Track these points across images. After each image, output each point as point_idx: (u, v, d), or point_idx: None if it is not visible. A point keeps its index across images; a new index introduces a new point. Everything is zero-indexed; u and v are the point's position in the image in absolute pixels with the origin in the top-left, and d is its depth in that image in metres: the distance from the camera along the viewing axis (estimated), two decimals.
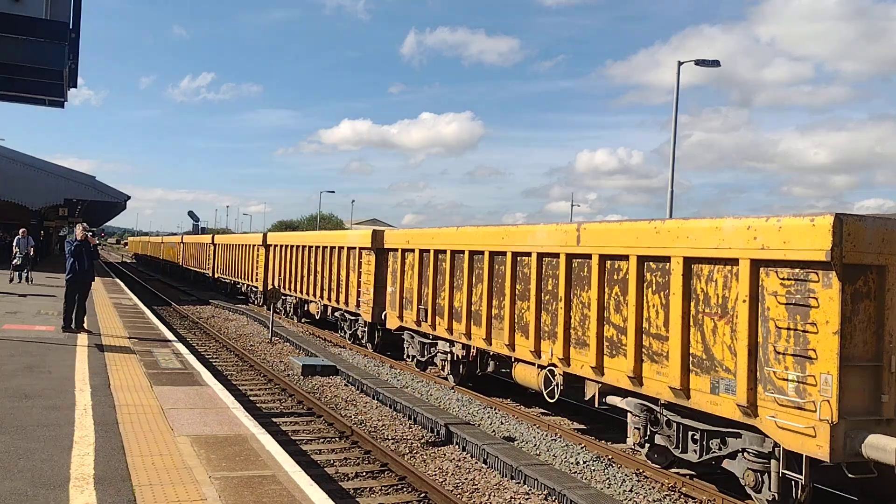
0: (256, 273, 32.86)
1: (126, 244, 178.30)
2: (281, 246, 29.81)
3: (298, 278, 27.08)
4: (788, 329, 8.01)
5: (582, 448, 10.99)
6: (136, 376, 11.00)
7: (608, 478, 9.70)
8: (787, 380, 8.00)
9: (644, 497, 9.04)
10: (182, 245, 56.12)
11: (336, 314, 23.46)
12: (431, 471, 9.79)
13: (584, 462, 10.27)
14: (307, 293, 25.93)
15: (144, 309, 22.61)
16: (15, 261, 27.74)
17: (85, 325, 15.46)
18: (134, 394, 9.72)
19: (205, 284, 44.72)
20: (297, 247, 27.52)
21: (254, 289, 33.66)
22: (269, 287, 28.61)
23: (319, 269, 24.66)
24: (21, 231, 28.38)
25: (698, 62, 25.70)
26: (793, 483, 8.09)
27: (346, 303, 22.21)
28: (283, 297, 28.33)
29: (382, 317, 19.00)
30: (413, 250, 17.05)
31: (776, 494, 8.22)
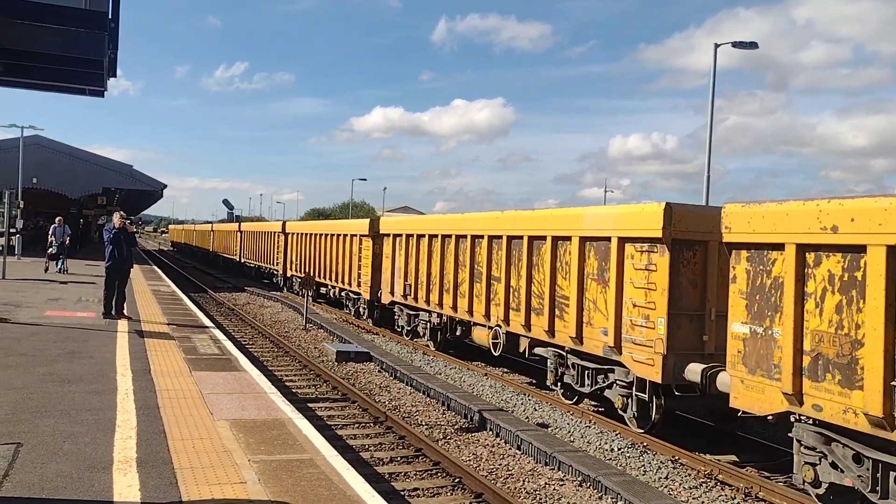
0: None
1: (163, 232, 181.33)
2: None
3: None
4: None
5: (617, 435, 10.95)
6: (175, 362, 11.18)
7: (643, 465, 9.65)
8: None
9: (680, 484, 8.98)
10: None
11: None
12: (466, 456, 9.83)
13: (619, 449, 10.24)
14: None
15: (182, 296, 22.96)
16: (50, 250, 27.28)
17: (125, 312, 15.75)
18: (174, 379, 9.89)
19: (237, 271, 46.14)
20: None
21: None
22: (299, 273, 29.36)
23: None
24: (57, 219, 27.86)
25: (735, 44, 25.23)
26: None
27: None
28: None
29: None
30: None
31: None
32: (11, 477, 5.77)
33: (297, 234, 32.57)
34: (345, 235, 25.53)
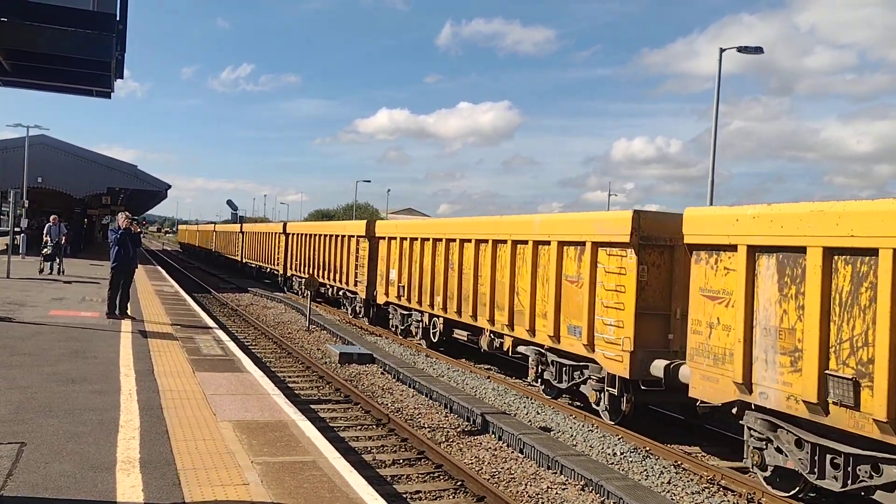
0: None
1: (167, 232, 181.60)
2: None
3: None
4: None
5: (619, 439, 10.95)
6: (178, 362, 11.21)
7: (646, 469, 9.65)
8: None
9: (682, 489, 8.97)
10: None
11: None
12: (468, 459, 9.83)
13: (622, 453, 10.23)
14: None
15: (186, 296, 23.00)
16: (45, 250, 25.69)
17: (128, 312, 15.78)
18: (177, 379, 9.91)
19: (239, 272, 46.47)
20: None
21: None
22: (308, 275, 29.57)
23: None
24: (52, 218, 26.47)
25: (741, 49, 25.21)
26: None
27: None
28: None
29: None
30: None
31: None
32: (15, 476, 5.79)
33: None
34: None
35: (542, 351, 13.46)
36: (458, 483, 8.76)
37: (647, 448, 10.59)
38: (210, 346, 13.06)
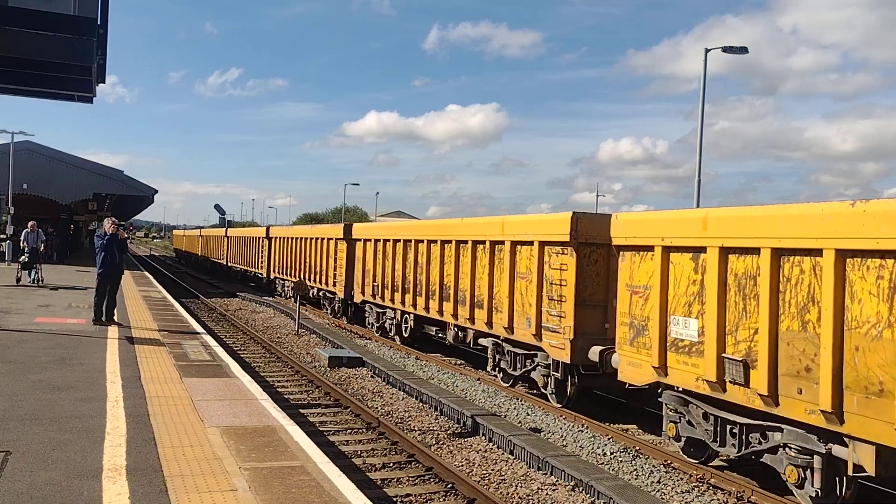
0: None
1: (154, 237, 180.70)
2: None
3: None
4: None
5: (609, 439, 10.95)
6: (166, 368, 11.13)
7: (635, 469, 9.65)
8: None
9: (672, 488, 8.98)
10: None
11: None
12: (458, 461, 9.81)
13: (612, 453, 10.24)
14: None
15: (173, 301, 22.88)
16: (22, 258, 24.39)
17: (115, 318, 15.68)
18: (164, 385, 9.84)
19: (224, 275, 47.04)
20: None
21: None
22: (297, 279, 29.35)
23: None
24: (30, 224, 25.00)
25: (726, 49, 25.33)
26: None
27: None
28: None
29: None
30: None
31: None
32: (0, 485, 5.73)
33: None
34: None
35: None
36: (449, 485, 8.74)
37: (637, 448, 10.60)
38: (198, 352, 12.99)
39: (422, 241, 18.20)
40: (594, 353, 11.83)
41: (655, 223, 10.11)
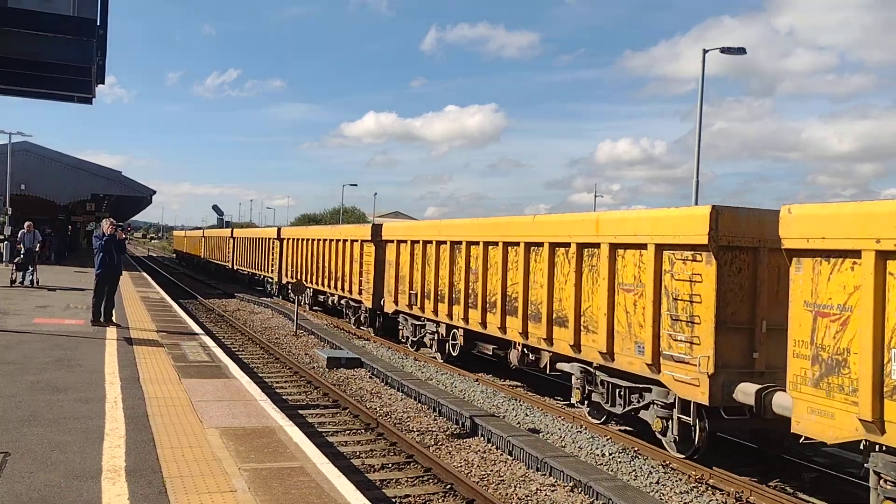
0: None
1: (153, 238, 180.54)
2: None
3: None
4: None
5: (608, 440, 10.96)
6: (164, 369, 11.13)
7: (634, 469, 9.67)
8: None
9: (671, 489, 8.99)
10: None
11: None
12: (457, 462, 9.82)
13: (610, 454, 10.25)
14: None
15: (171, 302, 22.87)
16: (18, 259, 24.27)
17: (114, 319, 15.66)
18: (163, 386, 9.84)
19: (229, 277, 45.52)
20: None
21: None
22: (294, 280, 28.92)
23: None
24: (26, 224, 24.87)
25: (724, 50, 25.36)
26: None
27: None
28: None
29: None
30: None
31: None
32: None
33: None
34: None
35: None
36: (448, 486, 8.75)
37: (636, 448, 10.61)
38: (196, 353, 12.98)
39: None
40: (746, 393, 9.12)
41: (863, 218, 7.34)
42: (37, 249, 24.92)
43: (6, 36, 6.35)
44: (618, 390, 11.15)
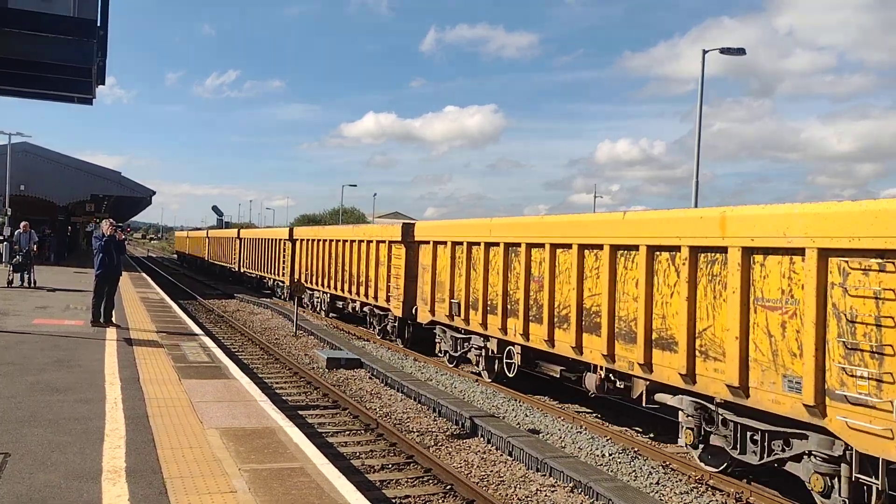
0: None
1: (152, 238, 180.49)
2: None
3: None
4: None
5: (608, 440, 10.96)
6: (164, 370, 11.13)
7: (634, 470, 9.67)
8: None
9: (671, 490, 8.99)
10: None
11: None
12: (457, 463, 9.81)
13: (610, 454, 10.25)
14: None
15: (171, 303, 22.87)
16: (15, 259, 24.06)
17: (113, 320, 15.66)
18: (163, 387, 9.84)
19: (234, 280, 44.05)
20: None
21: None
22: (295, 281, 28.47)
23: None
24: (22, 225, 24.61)
25: (723, 50, 25.38)
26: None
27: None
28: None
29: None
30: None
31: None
32: (0, 487, 5.73)
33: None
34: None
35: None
36: (448, 487, 8.74)
37: (636, 449, 10.61)
38: (196, 353, 12.98)
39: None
40: None
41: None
42: (34, 250, 24.73)
43: (6, 36, 6.35)
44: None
